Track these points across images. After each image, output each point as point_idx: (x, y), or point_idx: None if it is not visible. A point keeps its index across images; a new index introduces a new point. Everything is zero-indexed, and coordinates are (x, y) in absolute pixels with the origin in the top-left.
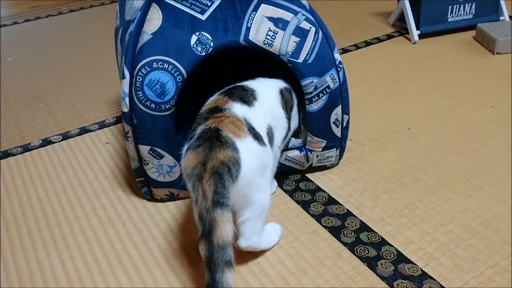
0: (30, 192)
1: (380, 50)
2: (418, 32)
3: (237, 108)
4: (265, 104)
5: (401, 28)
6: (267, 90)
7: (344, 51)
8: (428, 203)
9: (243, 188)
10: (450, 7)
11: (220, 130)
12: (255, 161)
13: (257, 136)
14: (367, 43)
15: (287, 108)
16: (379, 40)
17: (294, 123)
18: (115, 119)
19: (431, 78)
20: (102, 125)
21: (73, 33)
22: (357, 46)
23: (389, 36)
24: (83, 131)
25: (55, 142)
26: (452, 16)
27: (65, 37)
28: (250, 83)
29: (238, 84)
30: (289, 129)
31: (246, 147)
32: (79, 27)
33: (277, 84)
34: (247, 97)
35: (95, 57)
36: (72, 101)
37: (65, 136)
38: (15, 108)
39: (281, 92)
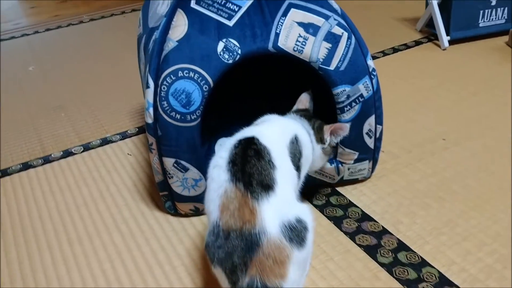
0: (51, 205)
1: (409, 57)
2: (448, 38)
3: (268, 213)
4: (282, 170)
5: (429, 34)
6: (280, 148)
7: (371, 58)
8: (469, 220)
9: None
10: (481, 11)
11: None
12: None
13: (299, 241)
14: (395, 50)
15: (295, 160)
16: (407, 46)
17: (304, 170)
18: (137, 129)
19: (464, 85)
20: (124, 135)
21: (94, 42)
22: (384, 53)
23: (418, 43)
24: (105, 142)
25: (76, 153)
26: (484, 21)
27: (86, 46)
28: (261, 135)
29: (247, 139)
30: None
31: (292, 278)
32: (100, 36)
33: (289, 132)
34: (268, 173)
35: (116, 66)
36: (93, 111)
37: (86, 147)
38: (36, 118)
39: (292, 142)
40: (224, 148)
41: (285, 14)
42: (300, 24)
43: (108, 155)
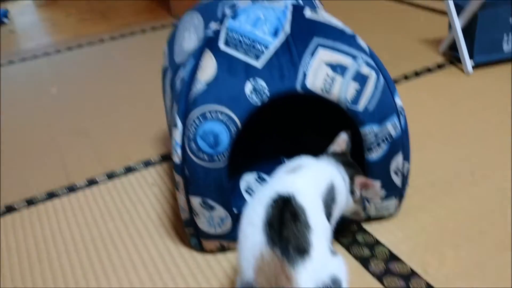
0: (77, 239)
1: (432, 82)
2: (472, 62)
3: (303, 279)
4: (317, 229)
5: (452, 57)
6: (316, 202)
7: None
8: (500, 262)
9: None
10: (505, 35)
11: None
12: None
13: None
14: (417, 74)
15: (329, 210)
16: (430, 70)
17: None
18: (160, 157)
19: (490, 113)
20: (147, 163)
21: (115, 62)
22: (406, 77)
23: (440, 66)
24: (128, 170)
25: (100, 182)
26: (508, 45)
27: (107, 66)
28: (297, 191)
29: (283, 200)
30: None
31: None
32: (121, 56)
33: (324, 179)
34: (304, 237)
35: (137, 88)
36: (116, 136)
37: (110, 176)
38: (60, 143)
39: (327, 189)
40: (258, 201)
41: (313, 54)
42: (328, 64)
43: (132, 185)
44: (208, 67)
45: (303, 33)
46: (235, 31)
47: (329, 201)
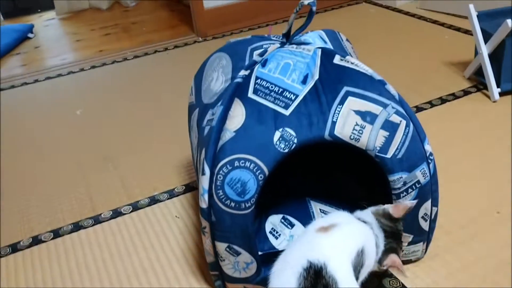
0: (102, 274)
1: (457, 109)
2: (499, 90)
3: None
4: None
5: (478, 83)
6: (347, 270)
7: (418, 109)
8: None
9: None
10: None
11: None
12: None
13: None
14: (443, 100)
15: (356, 274)
16: (455, 96)
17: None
18: (184, 187)
19: None
20: (171, 194)
21: (139, 81)
22: (432, 104)
23: (466, 92)
24: (153, 201)
25: (125, 214)
26: None
27: (130, 86)
28: (329, 260)
29: (316, 271)
30: None
31: None
32: (145, 75)
33: (356, 243)
34: None
35: (161, 110)
36: (140, 163)
37: (135, 207)
38: (86, 170)
39: (357, 254)
40: (288, 265)
41: (342, 102)
42: (357, 112)
43: (157, 217)
44: (237, 115)
45: (332, 80)
46: (265, 79)
47: (358, 266)
